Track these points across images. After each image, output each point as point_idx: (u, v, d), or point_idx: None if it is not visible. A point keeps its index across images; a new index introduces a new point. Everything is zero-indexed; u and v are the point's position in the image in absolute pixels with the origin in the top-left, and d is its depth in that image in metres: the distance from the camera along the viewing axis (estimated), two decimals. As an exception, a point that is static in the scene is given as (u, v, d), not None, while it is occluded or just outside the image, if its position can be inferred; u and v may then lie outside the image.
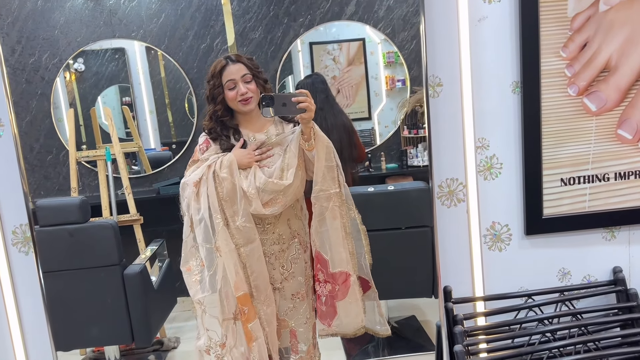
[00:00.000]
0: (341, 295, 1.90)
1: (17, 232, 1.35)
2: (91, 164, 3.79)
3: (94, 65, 3.87)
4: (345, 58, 4.01)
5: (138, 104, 3.96)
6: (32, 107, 3.75)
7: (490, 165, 1.44)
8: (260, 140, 1.91)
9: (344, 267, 1.89)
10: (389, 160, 3.98)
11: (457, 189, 1.45)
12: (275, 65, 3.90)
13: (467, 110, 1.36)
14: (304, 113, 1.76)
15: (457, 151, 1.43)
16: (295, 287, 1.96)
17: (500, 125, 1.42)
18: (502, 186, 1.46)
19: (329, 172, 1.86)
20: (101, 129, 3.69)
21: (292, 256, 1.95)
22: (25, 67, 3.72)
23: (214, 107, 1.92)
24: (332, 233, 1.87)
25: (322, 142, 1.85)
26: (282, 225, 1.92)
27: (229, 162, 1.84)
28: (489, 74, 1.40)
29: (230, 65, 1.89)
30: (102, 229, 2.76)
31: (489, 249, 1.46)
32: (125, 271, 2.78)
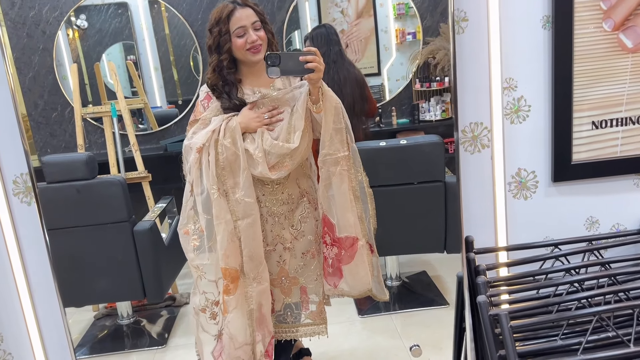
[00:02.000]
0: (347, 260, 1.85)
1: (18, 182, 1.28)
2: (97, 122, 3.71)
3: (97, 21, 3.74)
4: (354, 10, 3.85)
5: (143, 61, 3.85)
6: (34, 63, 3.64)
7: (518, 107, 1.33)
8: (264, 94, 1.79)
9: (351, 232, 1.83)
10: (400, 115, 3.86)
11: (482, 133, 1.35)
12: (282, 17, 3.74)
13: (494, 47, 1.25)
14: (312, 73, 1.63)
15: (483, 93, 1.32)
16: (306, 245, 1.92)
17: (529, 64, 1.30)
18: (529, 130, 1.35)
19: (337, 135, 1.76)
20: (106, 87, 3.60)
21: (301, 215, 1.89)
22: (25, 21, 3.59)
23: (218, 57, 1.77)
24: (339, 197, 1.79)
25: (331, 103, 1.74)
26: (291, 185, 1.86)
27: (232, 129, 1.73)
28: (518, 7, 1.27)
29: (239, 10, 1.73)
30: (110, 185, 2.71)
31: (513, 197, 1.37)
32: (135, 227, 2.74)
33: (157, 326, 3.08)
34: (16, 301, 1.39)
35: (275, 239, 1.89)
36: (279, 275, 1.93)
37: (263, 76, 1.78)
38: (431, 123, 3.70)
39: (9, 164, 1.26)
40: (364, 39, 3.89)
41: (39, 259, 1.33)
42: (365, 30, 3.87)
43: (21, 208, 1.28)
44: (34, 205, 1.28)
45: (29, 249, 1.31)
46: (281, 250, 1.90)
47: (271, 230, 1.88)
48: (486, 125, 1.34)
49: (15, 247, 1.28)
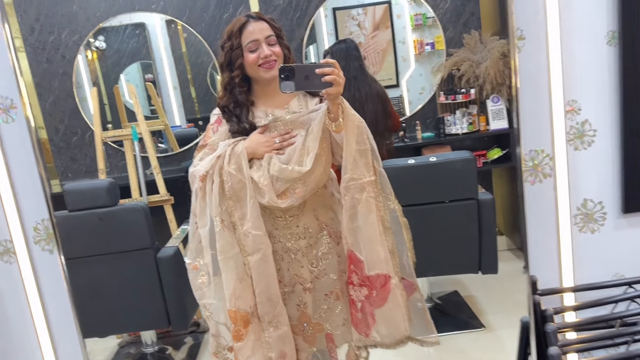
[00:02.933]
0: (379, 302, 1.58)
1: (39, 229, 1.18)
2: (117, 144, 3.64)
3: (115, 42, 3.68)
4: (371, 23, 3.74)
5: (161, 80, 3.79)
6: (54, 88, 3.58)
7: (582, 132, 1.19)
8: (277, 117, 1.60)
9: (382, 269, 1.57)
10: (425, 129, 3.71)
11: (543, 162, 1.21)
12: (301, 33, 3.64)
13: (555, 67, 1.12)
14: (330, 88, 1.43)
15: (543, 117, 1.18)
16: (328, 285, 1.68)
17: (593, 85, 1.17)
18: (595, 157, 1.21)
19: (362, 157, 1.54)
20: (125, 107, 3.53)
21: (321, 252, 1.67)
22: (45, 46, 3.54)
23: (229, 74, 1.60)
24: (366, 229, 1.55)
25: (353, 122, 1.52)
26: (307, 217, 1.64)
27: (237, 155, 1.55)
28: (580, 22, 1.14)
29: (252, 23, 1.56)
30: (133, 211, 2.62)
31: (579, 230, 1.23)
32: (159, 254, 2.65)
33: (181, 353, 2.99)
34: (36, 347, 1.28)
35: (293, 279, 1.67)
36: (299, 320, 1.70)
37: (278, 97, 1.63)
38: (458, 136, 3.55)
39: (29, 209, 1.15)
40: (381, 51, 3.78)
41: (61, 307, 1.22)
42: (382, 42, 3.77)
43: (42, 256, 1.17)
44: (56, 253, 1.17)
45: (51, 297, 1.20)
46: (300, 291, 1.67)
47: (288, 269, 1.67)
48: (548, 153, 1.20)
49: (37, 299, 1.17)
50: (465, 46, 3.55)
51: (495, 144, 3.62)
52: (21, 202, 1.16)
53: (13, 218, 1.16)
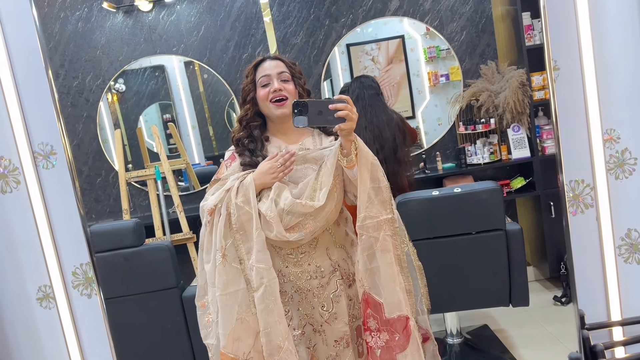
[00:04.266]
0: (402, 345, 1.50)
1: (77, 273, 1.18)
2: (140, 184, 3.68)
3: (135, 84, 3.77)
4: (385, 57, 3.79)
5: (180, 120, 3.85)
6: (78, 131, 3.66)
7: (622, 161, 1.18)
8: (290, 151, 1.57)
9: (402, 310, 1.51)
10: (445, 159, 3.71)
11: (584, 192, 1.19)
12: (319, 70, 3.69)
13: (591, 96, 1.11)
14: (343, 123, 1.43)
15: (582, 147, 1.17)
16: (339, 331, 1.60)
17: (631, 112, 1.16)
18: (637, 185, 1.19)
19: (377, 195, 1.51)
20: (146, 148, 3.59)
21: (333, 293, 1.59)
22: (69, 91, 3.63)
23: (244, 109, 1.64)
24: (385, 269, 1.50)
25: (367, 159, 1.50)
26: (319, 256, 1.58)
27: (245, 187, 1.53)
28: (615, 51, 1.14)
29: (267, 61, 1.62)
30: (158, 251, 2.62)
31: (624, 261, 1.20)
32: (184, 294, 2.63)
33: (208, 395, 2.92)
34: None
35: (303, 319, 1.60)
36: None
37: (292, 135, 1.64)
38: (480, 166, 3.53)
39: (68, 253, 1.15)
40: (396, 84, 3.82)
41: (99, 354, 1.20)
42: (396, 75, 3.81)
43: (81, 301, 1.17)
44: (95, 298, 1.16)
45: (91, 347, 1.19)
46: (311, 332, 1.60)
47: (298, 308, 1.60)
48: (588, 183, 1.18)
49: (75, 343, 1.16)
50: (483, 77, 3.57)
51: (518, 173, 3.59)
52: (60, 247, 1.17)
53: (52, 263, 1.17)
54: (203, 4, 3.59)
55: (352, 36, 3.71)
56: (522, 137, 3.47)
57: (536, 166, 3.44)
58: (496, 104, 3.43)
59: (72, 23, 3.57)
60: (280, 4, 3.59)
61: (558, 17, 1.11)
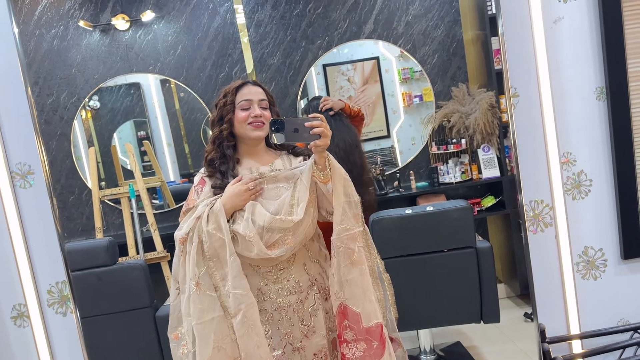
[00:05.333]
0: (379, 353, 1.56)
1: (53, 292, 1.19)
2: (114, 202, 3.66)
3: (109, 101, 3.76)
4: (360, 78, 3.88)
5: (155, 137, 3.84)
6: (52, 149, 3.63)
7: (579, 182, 1.25)
8: (262, 173, 1.63)
9: (379, 318, 1.59)
10: (419, 178, 3.79)
11: (543, 212, 1.26)
12: (295, 90, 3.76)
13: (549, 122, 1.19)
14: (318, 140, 1.50)
15: (540, 169, 1.24)
16: (317, 344, 1.64)
17: (586, 137, 1.24)
18: (592, 206, 1.27)
19: (350, 209, 1.58)
20: (116, 164, 3.57)
21: (311, 308, 1.64)
22: (43, 108, 3.61)
23: (219, 128, 1.66)
24: (362, 279, 1.57)
25: (340, 174, 1.57)
26: (297, 271, 1.63)
27: (215, 213, 1.54)
28: (570, 80, 1.22)
29: (250, 86, 1.67)
30: (132, 270, 2.61)
31: (582, 277, 1.27)
32: (157, 313, 2.62)
33: (180, 416, 2.88)
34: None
35: (283, 340, 1.62)
36: None
37: (263, 157, 1.69)
38: (452, 185, 3.62)
39: (43, 272, 1.16)
40: (371, 104, 3.91)
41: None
42: (372, 95, 3.89)
43: (55, 320, 1.17)
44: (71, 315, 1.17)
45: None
46: (290, 352, 1.62)
47: (278, 328, 1.62)
48: (547, 203, 1.25)
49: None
50: (454, 98, 3.68)
51: (489, 192, 3.69)
52: (36, 265, 1.17)
53: (27, 282, 1.17)
54: (180, 23, 3.64)
55: (328, 57, 3.79)
56: (492, 157, 3.58)
57: (505, 185, 3.54)
58: (467, 124, 3.54)
59: (48, 41, 3.57)
60: (258, 25, 3.66)
61: (517, 47, 1.19)
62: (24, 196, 1.19)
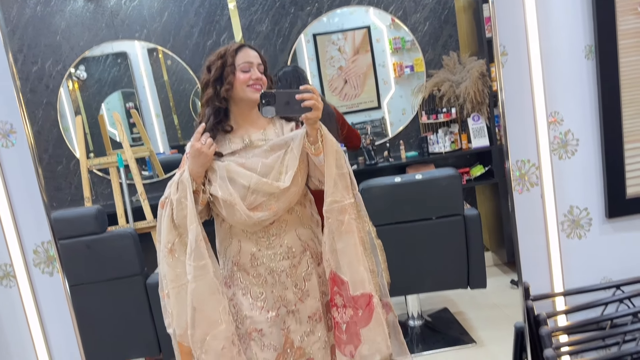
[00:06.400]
0: (365, 321, 1.61)
1: (39, 252, 1.18)
2: (103, 172, 3.63)
3: (96, 71, 3.70)
4: (351, 47, 3.83)
5: (144, 108, 3.79)
6: (38, 117, 3.57)
7: (566, 142, 1.25)
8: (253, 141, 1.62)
9: (366, 289, 1.60)
10: (409, 148, 3.79)
11: (530, 171, 1.26)
12: (284, 58, 3.71)
13: (537, 81, 1.18)
14: (309, 112, 1.49)
15: (527, 129, 1.24)
16: (312, 307, 1.68)
17: (573, 96, 1.23)
18: (579, 165, 1.27)
19: (341, 180, 1.59)
20: (108, 136, 3.53)
21: (305, 272, 1.68)
22: (28, 76, 3.54)
23: (217, 89, 1.60)
24: (350, 250, 1.59)
25: (332, 146, 1.57)
26: (290, 237, 1.65)
27: (183, 182, 1.54)
28: (559, 38, 1.20)
29: (248, 49, 1.64)
30: (121, 238, 2.60)
31: (567, 236, 1.28)
32: (148, 280, 2.62)
33: (172, 382, 2.92)
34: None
35: (277, 302, 1.66)
36: (284, 347, 1.67)
37: (256, 122, 1.67)
38: (441, 155, 3.63)
39: (28, 232, 1.15)
40: (362, 75, 3.86)
41: (63, 332, 1.21)
42: (362, 65, 3.85)
43: (42, 279, 1.17)
44: (57, 275, 1.17)
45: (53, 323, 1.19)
46: (284, 314, 1.66)
47: (272, 291, 1.66)
48: (534, 163, 1.25)
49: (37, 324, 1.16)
50: (445, 67, 3.66)
51: (478, 161, 3.70)
52: (21, 225, 1.16)
53: (13, 241, 1.16)
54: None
55: (318, 25, 3.73)
56: (482, 126, 3.58)
57: (495, 154, 3.55)
58: (457, 94, 3.52)
59: (31, 7, 3.48)
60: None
61: (507, 5, 1.17)
62: (7, 155, 1.17)
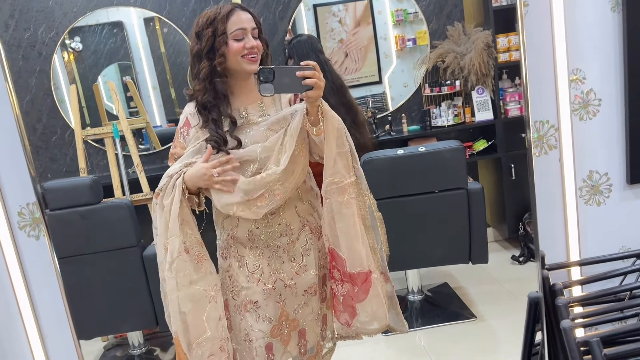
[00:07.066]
0: (361, 296, 1.59)
1: (24, 214, 1.10)
2: (99, 143, 3.53)
3: (92, 43, 3.57)
4: (352, 19, 3.70)
5: (140, 80, 3.69)
6: (31, 86, 3.46)
7: (587, 102, 1.16)
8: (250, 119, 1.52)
9: (364, 266, 1.56)
10: (411, 122, 3.69)
11: (548, 133, 1.17)
12: (284, 26, 3.58)
13: (559, 34, 1.08)
14: (310, 91, 1.37)
15: (547, 87, 1.15)
16: (308, 281, 1.63)
17: (597, 53, 1.14)
18: (600, 127, 1.18)
19: (341, 159, 1.50)
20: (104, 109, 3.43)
21: (303, 247, 1.62)
22: (20, 43, 3.41)
23: (210, 63, 1.47)
24: (348, 230, 1.53)
25: (333, 125, 1.47)
26: (288, 214, 1.58)
27: (175, 188, 1.46)
28: (583, -14, 1.11)
29: (240, 12, 1.47)
30: (117, 209, 2.53)
31: (585, 203, 1.20)
32: (145, 252, 2.57)
33: (169, 354, 2.90)
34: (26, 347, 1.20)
35: (273, 275, 1.61)
36: (279, 320, 1.62)
37: (252, 94, 1.55)
38: (444, 129, 3.54)
39: (13, 193, 1.07)
40: (363, 48, 3.75)
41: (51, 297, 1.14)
42: (364, 38, 3.73)
43: (28, 243, 1.09)
44: (44, 238, 1.09)
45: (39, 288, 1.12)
46: (281, 287, 1.61)
47: (268, 264, 1.60)
48: (553, 124, 1.17)
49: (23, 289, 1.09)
50: (449, 38, 3.55)
51: (481, 136, 3.62)
52: (4, 186, 1.08)
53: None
54: (163, -47, 3.42)
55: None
56: (486, 99, 3.48)
57: (499, 128, 3.47)
58: (462, 65, 3.42)
59: (21, -31, 3.34)
60: (245, -43, 3.45)
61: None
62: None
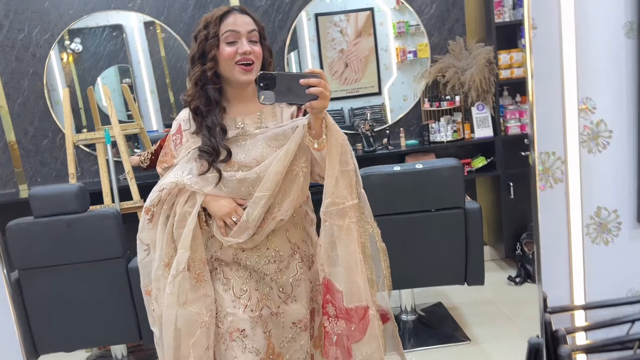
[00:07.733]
0: (358, 335, 1.41)
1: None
2: (90, 148, 3.44)
3: (92, 45, 3.50)
4: (353, 29, 3.63)
5: (138, 84, 3.61)
6: (24, 88, 3.36)
7: (597, 133, 1.07)
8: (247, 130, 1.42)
9: (362, 301, 1.39)
10: (409, 136, 3.60)
11: (554, 165, 1.08)
12: (283, 36, 3.50)
13: (568, 60, 1.00)
14: (315, 101, 1.25)
15: (554, 116, 1.05)
16: (298, 313, 1.50)
17: (609, 81, 1.05)
18: (610, 160, 1.09)
19: (344, 179, 1.36)
20: (101, 112, 3.34)
21: (293, 277, 1.48)
22: (14, 44, 3.32)
23: (201, 67, 1.36)
24: (347, 258, 1.37)
25: (337, 140, 1.34)
26: (278, 238, 1.46)
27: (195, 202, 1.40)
28: (596, 12, 1.02)
29: (236, 14, 1.35)
30: (103, 218, 2.43)
31: (592, 241, 1.11)
32: (130, 264, 2.47)
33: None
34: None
35: (261, 301, 1.48)
36: (267, 353, 1.48)
37: (251, 103, 1.42)
38: (442, 144, 3.44)
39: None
40: (363, 58, 3.68)
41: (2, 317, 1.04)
42: (364, 49, 3.66)
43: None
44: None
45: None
46: (267, 317, 1.48)
47: (256, 288, 1.48)
48: (559, 156, 1.07)
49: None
50: (450, 52, 3.46)
51: (480, 152, 3.52)
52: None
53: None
54: (162, -42, 3.33)
55: (320, 5, 3.53)
56: (486, 116, 3.39)
57: (498, 146, 3.38)
58: (462, 81, 3.33)
59: (18, -30, 3.26)
60: (245, -36, 3.37)
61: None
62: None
